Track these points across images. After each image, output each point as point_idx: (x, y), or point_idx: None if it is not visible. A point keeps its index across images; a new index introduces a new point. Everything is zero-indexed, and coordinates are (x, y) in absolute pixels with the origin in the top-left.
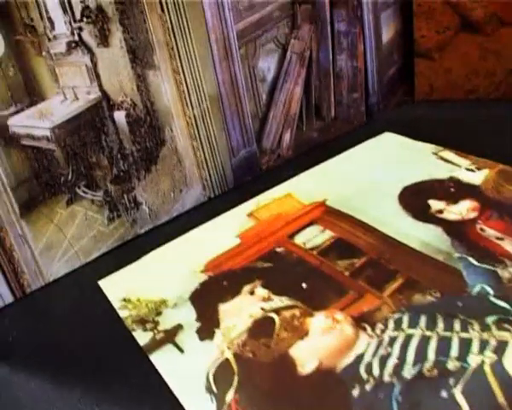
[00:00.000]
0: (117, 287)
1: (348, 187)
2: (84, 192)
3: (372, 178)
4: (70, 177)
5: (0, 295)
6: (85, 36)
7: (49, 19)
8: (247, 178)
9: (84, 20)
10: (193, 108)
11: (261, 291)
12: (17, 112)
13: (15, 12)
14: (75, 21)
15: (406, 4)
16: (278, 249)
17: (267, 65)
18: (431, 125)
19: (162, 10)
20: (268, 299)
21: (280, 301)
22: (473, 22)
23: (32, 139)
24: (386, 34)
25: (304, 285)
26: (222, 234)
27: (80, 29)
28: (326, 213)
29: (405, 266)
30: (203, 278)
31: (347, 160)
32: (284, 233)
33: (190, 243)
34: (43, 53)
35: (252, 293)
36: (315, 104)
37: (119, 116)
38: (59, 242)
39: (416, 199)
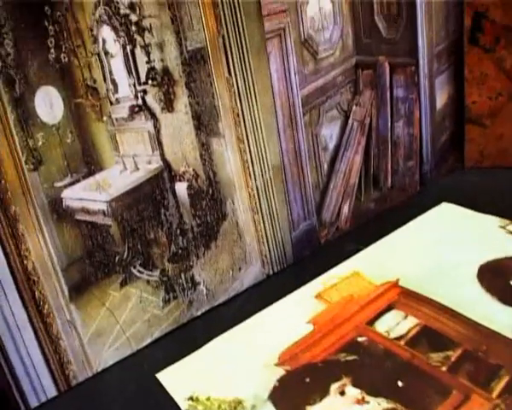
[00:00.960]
0: (180, 382)
1: (419, 265)
2: (139, 272)
3: (442, 254)
4: (126, 255)
5: (42, 389)
6: (149, 100)
7: (113, 81)
8: (306, 252)
9: (149, 82)
10: (256, 179)
11: (353, 391)
12: (73, 183)
13: (78, 73)
14: (140, 84)
15: (459, 70)
16: (360, 339)
17: (330, 132)
18: (486, 194)
19: (229, 73)
20: (363, 401)
21: (377, 404)
22: None
23: (86, 213)
24: (440, 100)
25: (399, 383)
26: (291, 319)
27: (144, 92)
28: (403, 296)
29: (508, 360)
30: (280, 372)
31: (410, 233)
32: (362, 319)
33: (257, 330)
34: (104, 118)
35: (342, 393)
36: (373, 174)
37: (181, 188)
38: (110, 327)
39: (497, 279)
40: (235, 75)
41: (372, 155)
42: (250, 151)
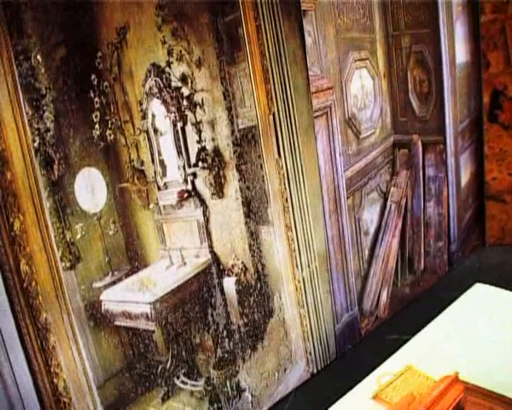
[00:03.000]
0: None
1: (474, 355)
2: (183, 383)
3: (494, 341)
4: (169, 364)
5: None
6: (199, 184)
7: (162, 162)
8: (349, 345)
9: (200, 164)
10: (302, 270)
11: None
12: (113, 282)
13: (124, 152)
14: (190, 166)
15: (480, 146)
16: None
17: (370, 216)
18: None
19: (279, 154)
20: None
21: None
22: None
23: (127, 318)
24: (464, 177)
25: None
26: None
27: (194, 175)
28: (468, 393)
29: None
30: None
31: (452, 319)
32: None
33: None
34: (151, 205)
35: None
36: (408, 257)
37: (229, 283)
38: None
39: None
40: (285, 156)
41: (407, 237)
42: (297, 239)
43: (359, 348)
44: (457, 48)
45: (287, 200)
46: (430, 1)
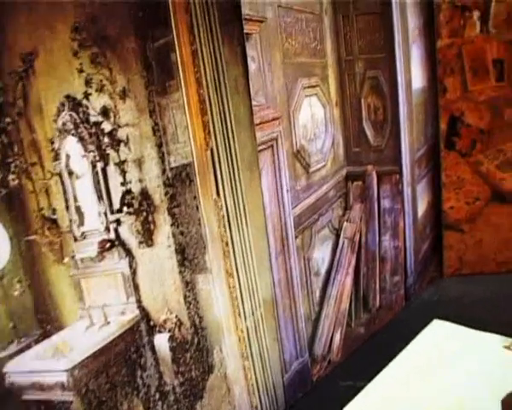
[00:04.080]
0: None
1: (437, 401)
2: None
3: (457, 385)
4: None
5: None
6: (124, 232)
7: (78, 209)
8: (299, 394)
9: (124, 209)
10: (246, 319)
11: None
12: (20, 351)
13: (32, 200)
14: (112, 212)
15: (438, 175)
16: None
17: (322, 255)
18: (470, 305)
19: (218, 194)
20: None
21: None
22: (504, 192)
23: (39, 390)
24: (421, 207)
25: None
26: None
27: (118, 222)
28: None
29: None
30: None
31: (410, 360)
32: None
33: None
34: (66, 259)
35: None
36: (362, 295)
37: (161, 341)
38: None
39: None
40: (225, 195)
41: (362, 274)
42: (240, 286)
43: (311, 397)
44: (414, 73)
45: (227, 244)
46: (385, 24)
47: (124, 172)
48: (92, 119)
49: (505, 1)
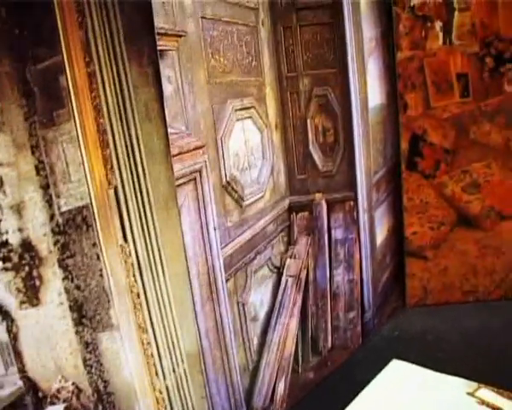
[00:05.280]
0: None
1: None
2: None
3: None
4: None
5: None
6: (0, 291)
7: None
8: None
9: (0, 264)
10: (165, 378)
11: None
12: None
13: None
14: None
15: (399, 198)
16: None
17: (260, 297)
18: (434, 341)
19: (125, 239)
20: None
21: None
22: (470, 217)
23: None
24: (380, 235)
25: None
26: None
27: None
28: None
29: None
30: None
31: (367, 406)
32: None
33: None
34: None
35: None
36: (311, 336)
37: None
38: None
39: None
40: (134, 240)
41: (310, 314)
42: (156, 342)
43: None
44: (371, 89)
45: (138, 295)
46: (336, 36)
47: None
48: None
49: (469, 10)
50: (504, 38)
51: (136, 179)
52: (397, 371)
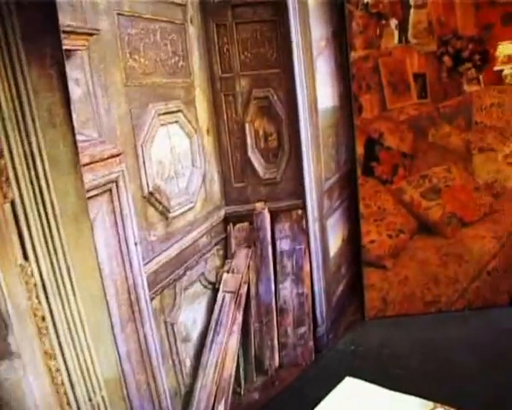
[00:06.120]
0: None
1: None
2: None
3: None
4: None
5: None
6: None
7: None
8: None
9: None
10: (79, 407)
11: None
12: None
13: None
14: None
15: (355, 205)
16: None
17: (192, 316)
18: (391, 356)
19: (26, 258)
20: None
21: None
22: (430, 224)
23: None
24: (334, 245)
25: None
26: None
27: None
28: None
29: None
30: None
31: None
32: None
33: None
34: None
35: None
36: (255, 355)
37: None
38: None
39: None
40: (37, 259)
41: (253, 331)
42: (67, 369)
43: None
44: (321, 90)
45: (43, 318)
46: (280, 34)
47: None
48: None
49: (426, 8)
50: (462, 35)
51: (38, 191)
52: (349, 389)
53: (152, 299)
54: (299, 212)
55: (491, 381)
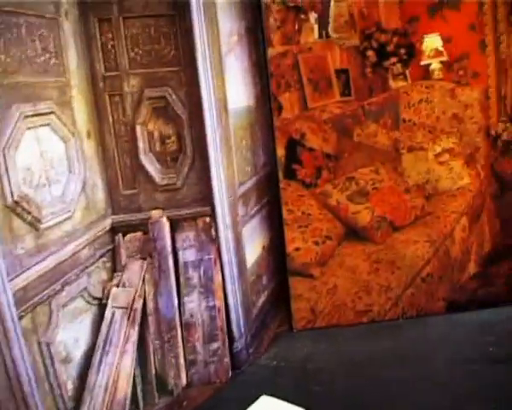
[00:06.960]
0: None
1: None
2: None
3: None
4: None
5: None
6: None
7: None
8: None
9: None
10: None
11: None
12: None
13: None
14: None
15: (277, 211)
16: None
17: (73, 335)
18: (313, 371)
19: None
20: None
21: None
22: (358, 229)
23: None
24: (252, 254)
25: None
26: None
27: None
28: None
29: None
30: None
31: None
32: None
33: None
34: None
35: None
36: (156, 374)
37: None
38: None
39: None
40: None
41: (152, 349)
42: None
43: None
44: (232, 89)
45: None
46: (180, 29)
47: None
48: None
49: (346, 0)
50: (386, 28)
51: None
52: (263, 409)
53: (21, 318)
54: (207, 219)
55: (423, 398)
